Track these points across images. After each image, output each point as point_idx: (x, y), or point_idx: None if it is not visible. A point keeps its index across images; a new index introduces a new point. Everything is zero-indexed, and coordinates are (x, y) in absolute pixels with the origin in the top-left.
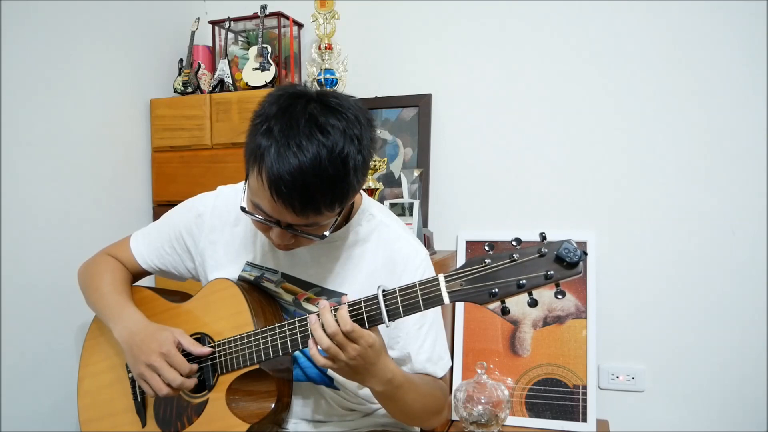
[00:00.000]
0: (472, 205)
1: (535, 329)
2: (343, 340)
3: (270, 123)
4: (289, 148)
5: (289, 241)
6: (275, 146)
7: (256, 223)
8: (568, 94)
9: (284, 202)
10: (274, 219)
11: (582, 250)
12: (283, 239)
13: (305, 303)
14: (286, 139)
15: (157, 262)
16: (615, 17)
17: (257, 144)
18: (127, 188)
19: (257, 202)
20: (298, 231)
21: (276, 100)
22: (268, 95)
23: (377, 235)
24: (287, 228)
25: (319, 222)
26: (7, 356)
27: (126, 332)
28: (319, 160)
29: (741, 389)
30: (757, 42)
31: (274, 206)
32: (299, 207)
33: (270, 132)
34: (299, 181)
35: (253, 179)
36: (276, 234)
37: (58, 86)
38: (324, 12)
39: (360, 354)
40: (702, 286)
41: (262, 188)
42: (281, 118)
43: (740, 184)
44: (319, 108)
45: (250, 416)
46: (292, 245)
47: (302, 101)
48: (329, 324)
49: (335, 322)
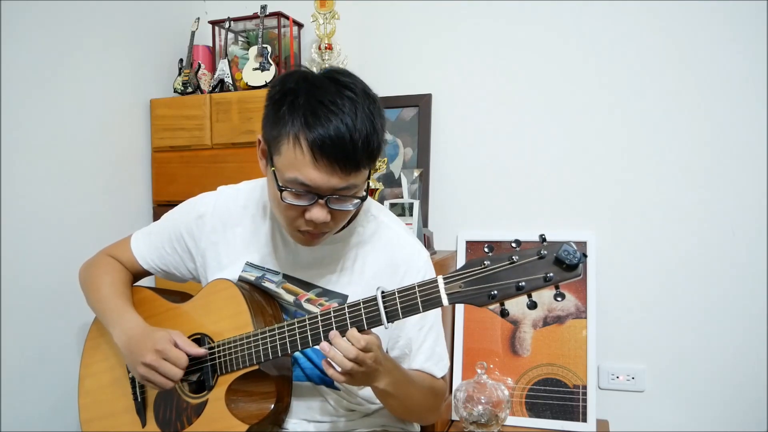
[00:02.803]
0: (472, 205)
1: (535, 329)
2: (362, 357)
3: (293, 95)
4: (323, 106)
5: (326, 218)
6: (308, 110)
7: (288, 211)
8: (568, 94)
9: (328, 161)
10: (314, 192)
11: (582, 252)
12: (322, 213)
13: (306, 304)
14: (317, 101)
15: (158, 262)
16: (615, 17)
17: (287, 118)
18: (127, 188)
19: (293, 176)
20: (338, 198)
21: (288, 78)
22: (275, 81)
23: (379, 237)
24: (327, 200)
25: (356, 183)
26: (7, 356)
27: (125, 337)
28: (355, 113)
29: (741, 389)
30: (757, 41)
31: (316, 171)
32: (343, 163)
33: (296, 102)
34: (342, 136)
35: (286, 154)
36: (315, 209)
37: (58, 86)
38: (324, 12)
39: (375, 359)
40: (702, 286)
41: (302, 156)
42: (303, 87)
43: (740, 184)
44: (333, 73)
45: (249, 417)
46: (327, 228)
47: (312, 73)
48: (348, 350)
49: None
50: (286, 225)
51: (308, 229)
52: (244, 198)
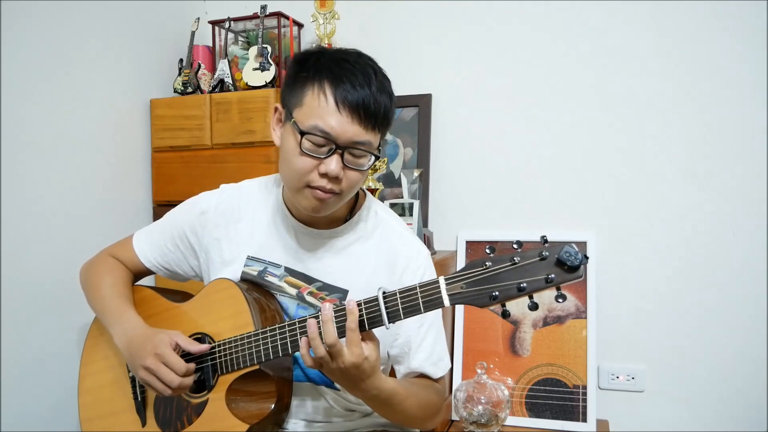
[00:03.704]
0: (472, 205)
1: (535, 329)
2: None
3: (315, 57)
4: (346, 62)
5: (339, 172)
6: (332, 66)
7: (304, 160)
8: (567, 94)
9: (350, 110)
10: (334, 139)
11: (583, 254)
12: (336, 166)
13: (309, 296)
14: (339, 60)
15: (161, 260)
16: (615, 18)
17: (311, 75)
18: (127, 188)
19: (314, 123)
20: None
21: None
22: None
23: (380, 233)
24: (342, 153)
25: (372, 141)
26: (7, 356)
27: (124, 338)
28: (374, 71)
29: (741, 389)
30: (756, 41)
31: (338, 117)
32: (364, 114)
33: (320, 62)
34: (363, 90)
35: (309, 103)
36: (331, 163)
37: (58, 86)
38: (324, 12)
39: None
40: (702, 286)
41: (325, 104)
42: (325, 52)
43: (740, 184)
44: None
45: (249, 417)
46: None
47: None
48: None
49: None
50: (297, 180)
51: (320, 185)
52: (247, 194)
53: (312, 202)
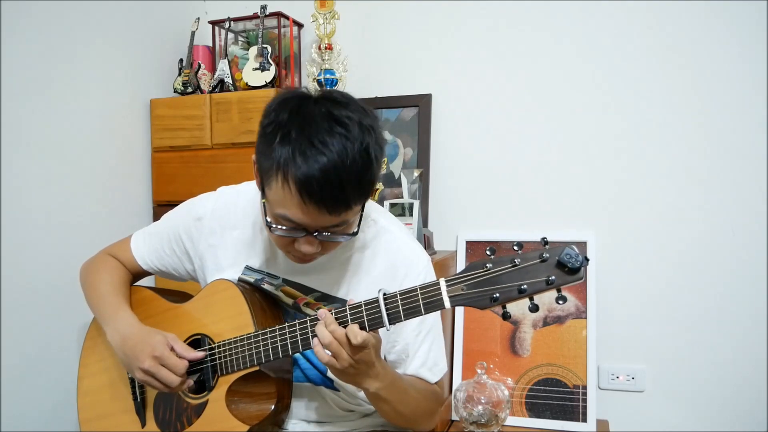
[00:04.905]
0: (472, 205)
1: (535, 329)
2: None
3: (285, 129)
4: (313, 147)
5: (316, 249)
6: (298, 149)
7: (279, 238)
8: (568, 94)
9: (317, 204)
10: (302, 227)
11: (584, 255)
12: (312, 246)
13: (305, 307)
14: (308, 139)
15: (157, 263)
16: (615, 18)
17: (277, 154)
18: (127, 188)
19: (282, 213)
20: (329, 234)
21: (284, 105)
22: (271, 103)
23: (379, 241)
24: (317, 235)
25: (347, 219)
26: (7, 356)
27: (118, 336)
28: (345, 153)
29: (741, 389)
30: (757, 40)
31: (304, 211)
32: (331, 205)
33: (288, 137)
34: (330, 178)
35: (275, 191)
36: (303, 242)
37: (58, 86)
38: (324, 12)
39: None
40: (702, 286)
41: (290, 196)
42: (296, 119)
43: (740, 184)
44: (329, 103)
45: (249, 417)
46: (317, 254)
47: (310, 100)
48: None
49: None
50: (278, 248)
51: (300, 255)
52: (244, 202)
53: (296, 260)
